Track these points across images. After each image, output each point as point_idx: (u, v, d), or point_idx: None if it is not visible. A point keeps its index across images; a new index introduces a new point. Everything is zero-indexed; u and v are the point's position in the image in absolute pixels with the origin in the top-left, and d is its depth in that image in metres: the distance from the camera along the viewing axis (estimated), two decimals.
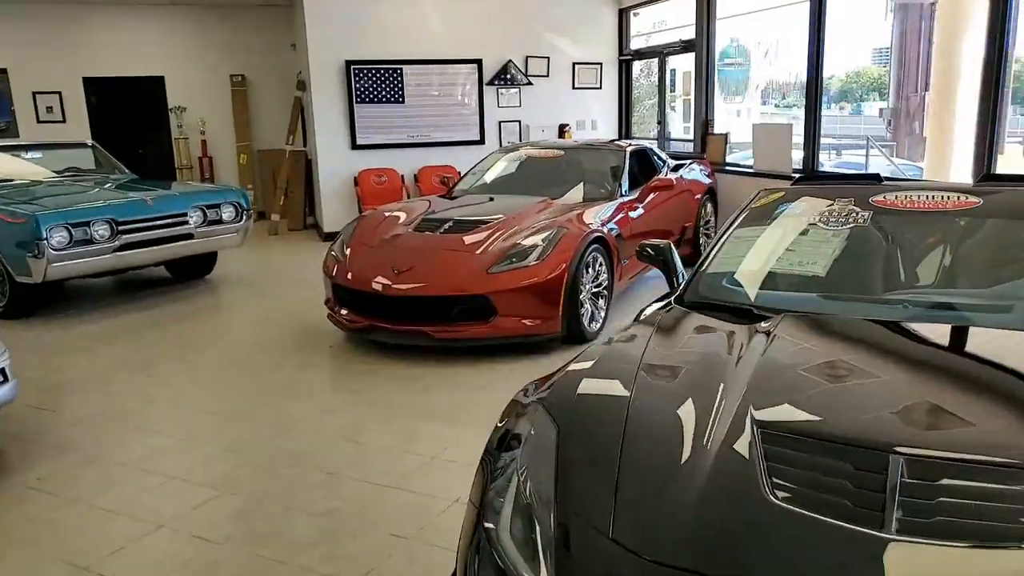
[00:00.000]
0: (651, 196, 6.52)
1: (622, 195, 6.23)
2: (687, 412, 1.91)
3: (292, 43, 11.12)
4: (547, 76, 10.46)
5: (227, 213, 7.39)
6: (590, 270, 5.29)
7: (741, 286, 2.90)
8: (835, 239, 2.88)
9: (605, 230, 5.57)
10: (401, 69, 9.73)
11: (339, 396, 4.65)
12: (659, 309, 2.86)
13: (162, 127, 11.75)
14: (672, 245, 3.37)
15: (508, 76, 10.20)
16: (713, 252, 3.10)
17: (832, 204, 3.00)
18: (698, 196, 7.47)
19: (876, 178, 4.60)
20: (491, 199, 6.30)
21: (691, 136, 9.30)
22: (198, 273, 7.90)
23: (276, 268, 8.69)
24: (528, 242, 5.10)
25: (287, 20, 11.17)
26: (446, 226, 5.55)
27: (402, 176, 9.90)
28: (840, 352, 2.36)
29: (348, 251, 5.52)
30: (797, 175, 7.35)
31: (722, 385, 1.98)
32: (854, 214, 2.91)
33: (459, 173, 9.92)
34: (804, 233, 2.98)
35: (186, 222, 7.02)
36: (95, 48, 10.92)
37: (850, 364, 2.23)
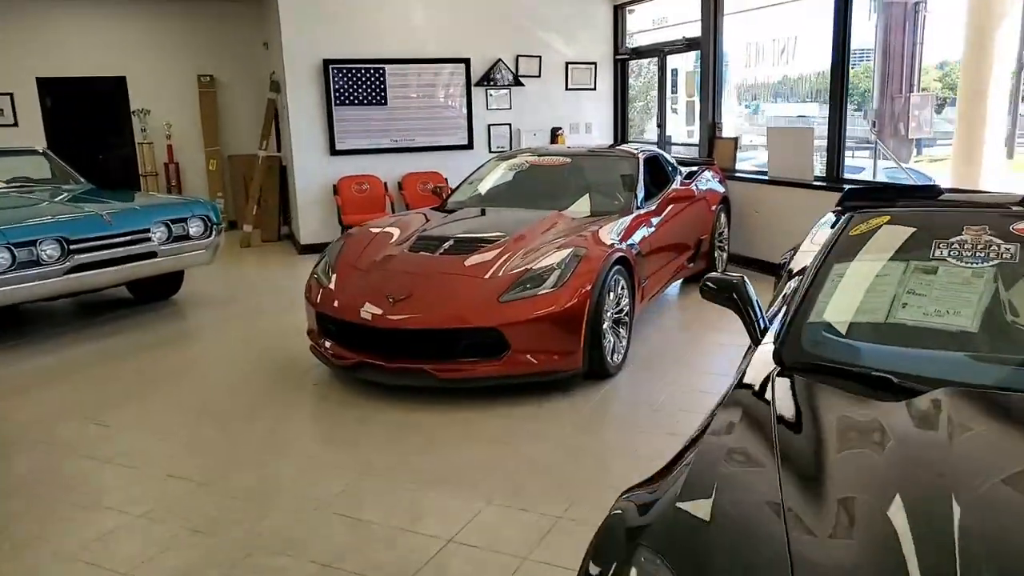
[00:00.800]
0: (669, 208, 5.90)
1: (638, 207, 5.60)
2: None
3: (264, 41, 10.37)
4: (539, 76, 9.81)
5: (195, 228, 6.65)
6: (611, 295, 4.65)
7: (861, 342, 2.27)
8: (977, 280, 2.26)
9: (625, 248, 4.94)
10: (383, 69, 9.03)
11: (328, 453, 3.95)
12: (757, 373, 2.22)
13: (124, 131, 10.93)
14: (747, 281, 2.74)
15: (497, 76, 9.55)
16: (808, 292, 2.47)
17: (961, 234, 2.38)
18: (714, 207, 6.87)
19: (935, 190, 4.00)
20: (492, 213, 5.64)
21: (695, 140, 8.70)
22: (163, 293, 7.14)
23: (249, 285, 7.96)
24: (543, 265, 4.44)
25: (259, 16, 10.41)
26: (446, 245, 4.88)
27: (385, 184, 9.20)
28: None
29: (334, 275, 4.83)
30: (820, 182, 6.77)
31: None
32: (995, 247, 2.29)
33: (446, 180, 9.26)
34: (931, 272, 2.36)
35: (149, 239, 6.27)
36: (49, 46, 10.08)
37: None
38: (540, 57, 9.76)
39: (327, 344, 4.69)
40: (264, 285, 7.89)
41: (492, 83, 9.53)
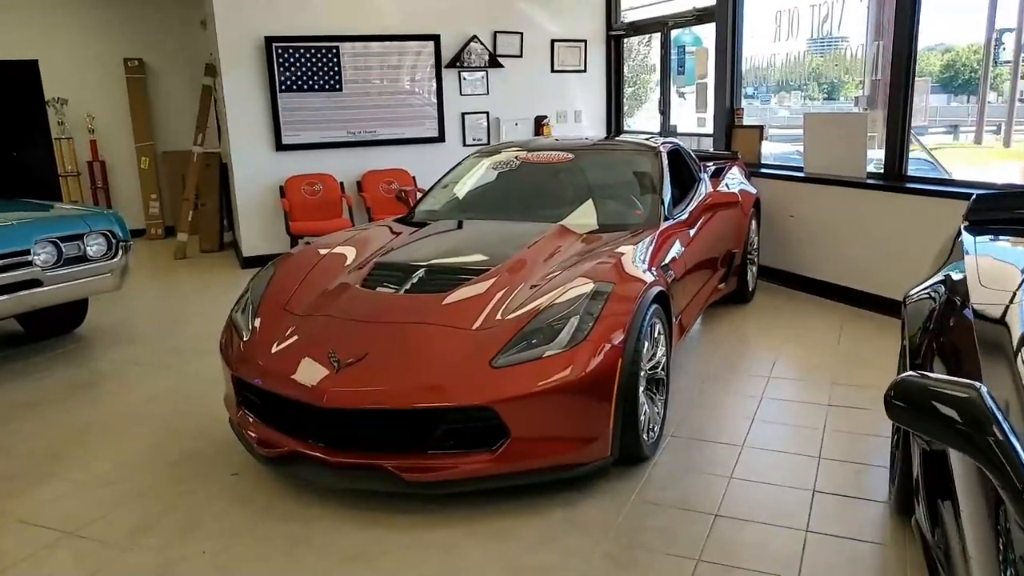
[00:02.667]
0: (704, 217, 4.59)
1: (665, 218, 4.28)
2: None
3: (202, 19, 8.88)
4: (520, 56, 8.46)
5: (94, 247, 5.22)
6: (647, 346, 3.33)
7: None
8: None
9: (660, 276, 3.62)
10: (337, 48, 7.61)
11: None
12: None
13: (39, 124, 9.38)
14: (987, 394, 1.43)
15: (472, 56, 8.17)
16: None
17: None
18: (748, 211, 5.57)
19: None
20: (474, 228, 4.29)
21: (707, 129, 7.40)
22: (62, 327, 5.72)
23: (174, 312, 6.51)
24: (554, 309, 3.11)
25: None
26: (414, 278, 3.51)
27: (341, 184, 7.79)
28: None
29: (256, 320, 3.46)
30: (876, 180, 5.50)
31: None
32: None
33: (414, 180, 7.89)
34: None
35: (29, 263, 4.83)
36: None
37: None
38: (521, 34, 8.40)
39: (250, 420, 3.32)
40: (193, 311, 6.45)
41: (466, 64, 8.15)
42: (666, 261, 3.88)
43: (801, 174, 6.12)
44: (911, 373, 1.57)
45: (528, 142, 5.14)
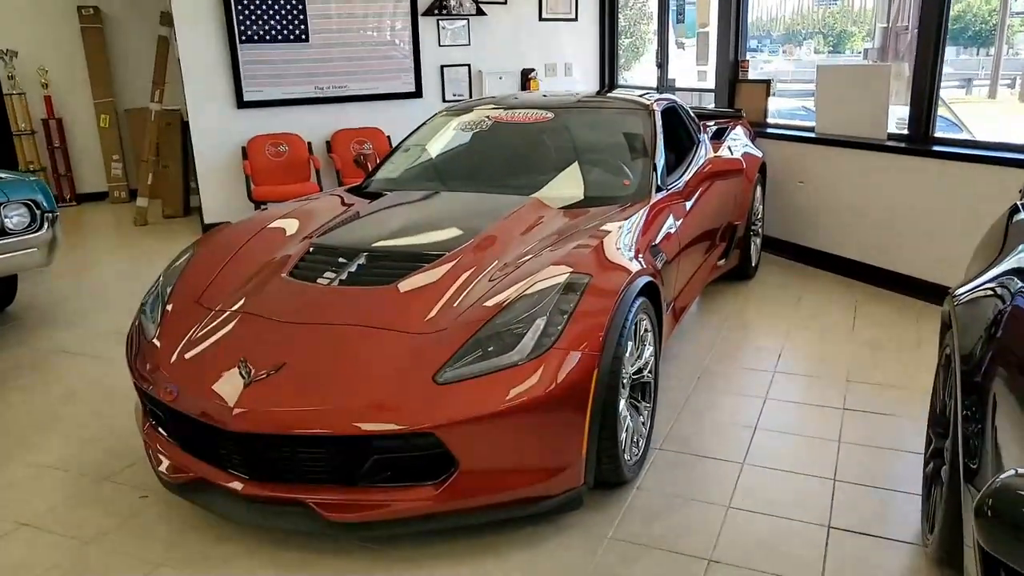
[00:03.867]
0: (703, 187, 3.99)
1: (659, 188, 3.68)
2: None
3: None
4: (505, 3, 7.75)
5: (14, 219, 4.62)
6: (629, 348, 2.76)
7: None
8: None
9: (649, 262, 3.03)
10: None
11: None
12: None
13: None
14: None
15: (452, 3, 7.46)
16: None
17: None
18: (752, 178, 4.95)
19: None
20: (435, 202, 3.68)
21: (708, 84, 6.74)
22: None
23: (121, 288, 5.91)
24: (518, 308, 2.53)
25: None
26: (353, 266, 2.93)
27: (309, 144, 7.15)
28: None
29: (164, 318, 2.89)
30: (897, 142, 4.88)
31: None
32: None
33: (388, 140, 7.25)
34: None
35: None
36: None
37: None
38: None
39: (157, 439, 2.77)
40: (141, 288, 5.84)
41: (445, 11, 7.44)
42: (657, 241, 3.30)
43: (812, 135, 5.49)
44: (1015, 474, 1.01)
45: (504, 99, 4.50)
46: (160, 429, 2.78)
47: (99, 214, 8.59)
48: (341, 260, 2.97)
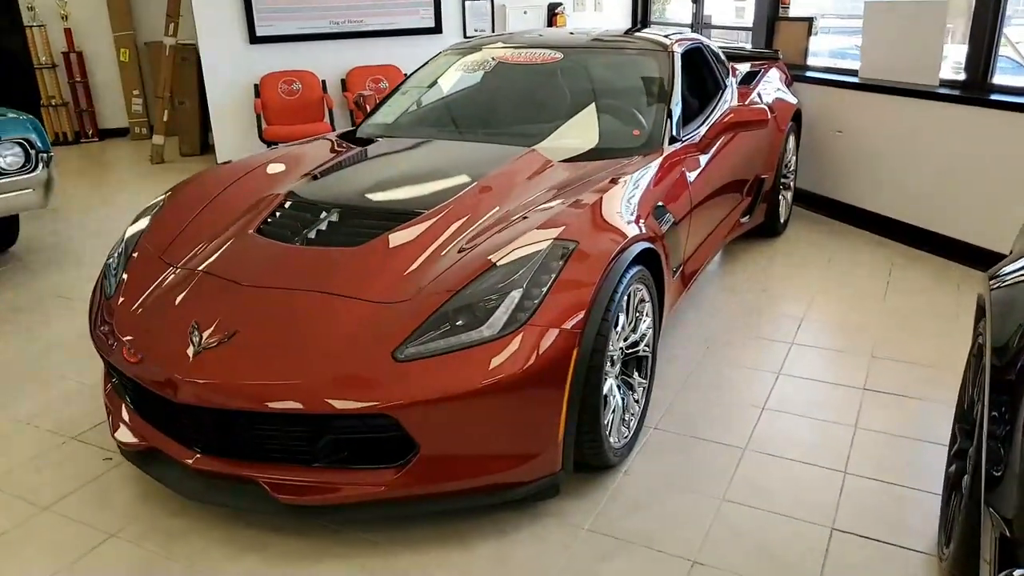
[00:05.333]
0: (723, 138, 3.65)
1: (673, 139, 3.35)
2: None
3: None
4: None
5: (9, 158, 4.49)
6: (621, 321, 2.50)
7: None
8: None
9: (649, 226, 2.75)
10: None
11: None
12: None
13: (11, 10, 8.55)
14: None
15: None
16: None
17: None
18: (784, 127, 4.57)
19: None
20: (424, 151, 3.41)
21: (747, 21, 6.26)
22: None
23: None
24: (492, 277, 2.28)
25: None
26: (322, 224, 2.70)
27: (323, 82, 6.87)
28: None
29: (125, 274, 2.70)
30: (950, 89, 4.44)
31: None
32: None
33: (406, 78, 6.91)
34: None
35: None
36: None
37: None
38: None
39: (117, 402, 2.62)
40: None
41: None
42: (665, 200, 2.99)
43: (855, 79, 5.04)
44: None
45: (511, 36, 4.16)
46: (120, 393, 2.62)
47: (119, 151, 8.48)
48: (311, 216, 2.73)
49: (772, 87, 4.64)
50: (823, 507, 2.39)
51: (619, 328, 2.49)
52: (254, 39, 6.66)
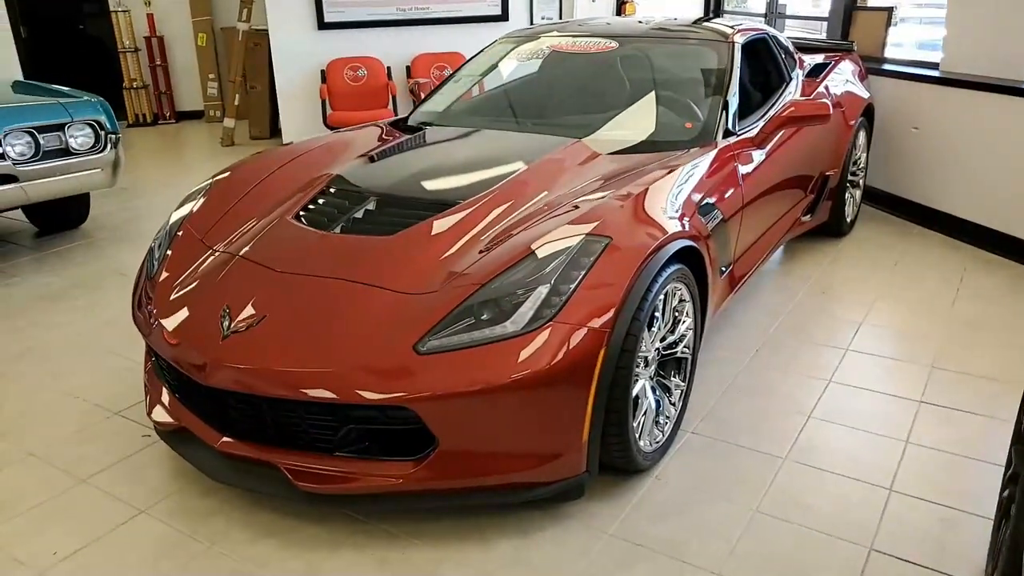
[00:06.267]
0: (780, 133, 3.50)
1: (727, 133, 3.23)
2: None
3: None
4: None
5: (79, 139, 4.65)
6: (658, 322, 2.42)
7: None
8: None
9: (693, 223, 2.64)
10: None
11: None
12: None
13: None
14: None
15: None
16: None
17: None
18: (852, 122, 4.36)
19: None
20: (471, 141, 3.37)
21: (822, 13, 6.01)
22: (69, 222, 5.29)
23: None
24: (520, 271, 2.22)
25: None
26: (358, 212, 2.69)
27: (388, 69, 6.91)
28: None
29: (169, 252, 2.75)
30: None
31: None
32: None
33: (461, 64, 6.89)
34: None
35: (1, 155, 4.31)
36: None
37: None
38: None
39: (156, 380, 2.67)
40: None
41: None
42: (713, 196, 2.88)
43: (936, 73, 4.77)
44: None
45: (568, 24, 4.08)
46: (158, 374, 2.67)
47: (193, 133, 8.72)
48: (349, 204, 2.73)
49: (841, 80, 4.43)
50: (863, 525, 2.26)
51: (654, 328, 2.41)
52: (322, 25, 6.74)
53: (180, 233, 2.82)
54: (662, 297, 2.39)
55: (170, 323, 2.42)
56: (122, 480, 2.56)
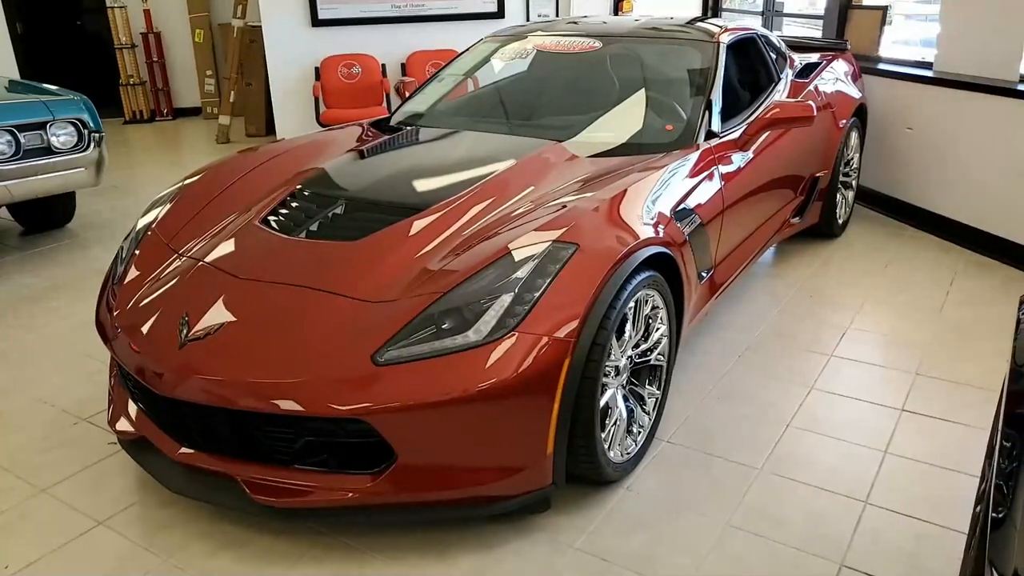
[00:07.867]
0: (765, 135, 3.43)
1: (709, 135, 3.16)
2: None
3: None
4: None
5: (61, 137, 4.60)
6: (628, 330, 2.36)
7: None
8: None
9: (668, 230, 2.58)
10: None
11: None
12: None
13: None
14: None
15: None
16: None
17: None
18: (843, 122, 4.28)
19: None
20: (449, 143, 3.31)
21: (818, 11, 5.92)
22: (54, 221, 5.26)
23: None
24: (484, 279, 2.16)
25: None
26: (326, 215, 2.64)
27: (383, 66, 6.86)
28: None
29: (137, 253, 2.71)
30: None
31: None
32: None
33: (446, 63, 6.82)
34: None
35: None
36: None
37: None
38: None
39: (120, 388, 2.63)
40: None
41: None
42: (691, 201, 2.81)
43: (929, 73, 4.69)
44: None
45: (555, 23, 4.01)
46: (121, 380, 2.63)
47: (190, 129, 8.70)
48: (317, 208, 2.68)
49: (832, 79, 4.35)
50: (836, 540, 2.20)
51: (624, 336, 2.35)
52: (316, 22, 6.69)
53: (148, 235, 2.77)
54: (632, 305, 2.33)
55: (130, 330, 2.37)
56: (83, 490, 2.51)
